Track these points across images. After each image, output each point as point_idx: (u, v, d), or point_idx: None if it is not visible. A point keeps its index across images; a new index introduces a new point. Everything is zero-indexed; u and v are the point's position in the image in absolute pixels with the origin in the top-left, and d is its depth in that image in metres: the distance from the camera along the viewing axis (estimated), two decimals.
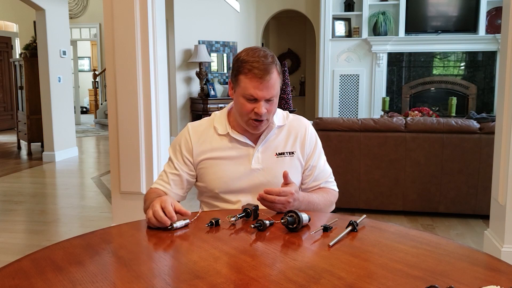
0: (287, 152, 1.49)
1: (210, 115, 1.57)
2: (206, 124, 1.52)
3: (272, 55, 1.38)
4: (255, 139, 1.48)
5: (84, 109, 12.57)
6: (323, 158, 1.57)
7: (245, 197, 1.45)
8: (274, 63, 1.37)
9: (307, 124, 1.55)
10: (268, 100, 1.37)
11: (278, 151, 1.48)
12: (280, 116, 1.52)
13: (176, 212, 1.21)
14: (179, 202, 1.50)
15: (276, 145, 1.48)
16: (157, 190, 1.47)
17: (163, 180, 1.49)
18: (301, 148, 1.50)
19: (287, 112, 1.56)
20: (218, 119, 1.51)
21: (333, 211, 1.52)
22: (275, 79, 1.37)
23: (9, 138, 8.14)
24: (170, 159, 1.51)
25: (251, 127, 1.41)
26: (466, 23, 6.62)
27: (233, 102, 1.48)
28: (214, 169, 1.45)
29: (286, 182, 1.33)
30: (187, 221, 1.22)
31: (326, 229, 1.17)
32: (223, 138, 1.47)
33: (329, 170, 1.57)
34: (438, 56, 6.80)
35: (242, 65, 1.36)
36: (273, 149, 1.48)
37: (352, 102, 7.01)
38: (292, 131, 1.51)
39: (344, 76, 6.96)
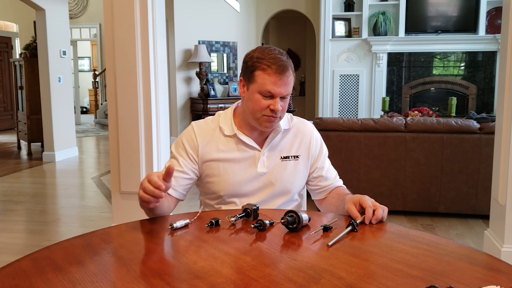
0: (292, 156, 1.48)
1: (210, 115, 1.56)
2: (212, 124, 1.49)
3: (286, 54, 1.41)
4: (261, 142, 1.47)
5: (84, 109, 12.57)
6: (328, 160, 1.57)
7: (250, 201, 1.43)
8: (290, 62, 1.39)
9: (312, 128, 1.55)
10: (282, 98, 1.38)
11: (283, 154, 1.47)
12: (285, 119, 1.50)
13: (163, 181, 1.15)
14: (178, 200, 1.47)
15: (281, 148, 1.48)
16: None
17: None
18: (307, 153, 1.50)
19: (291, 114, 1.56)
20: (223, 119, 1.48)
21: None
22: (291, 77, 1.39)
23: (9, 138, 8.14)
24: (173, 156, 1.47)
25: (264, 123, 1.39)
26: (466, 23, 6.62)
27: (242, 100, 1.46)
28: (220, 171, 1.43)
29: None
30: (187, 221, 1.22)
31: (326, 229, 1.17)
32: (229, 139, 1.45)
33: (334, 170, 1.58)
34: (438, 56, 6.80)
35: (259, 61, 1.35)
36: (278, 153, 1.47)
37: (352, 102, 7.00)
38: (298, 135, 1.51)
39: (344, 76, 6.95)
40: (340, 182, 1.57)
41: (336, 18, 6.92)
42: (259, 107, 1.37)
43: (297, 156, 1.48)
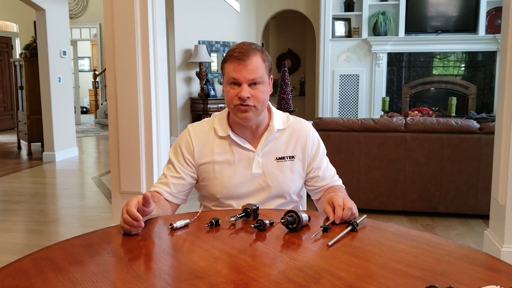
0: (287, 157, 1.46)
1: (210, 115, 1.56)
2: (207, 126, 1.49)
3: (256, 44, 1.40)
4: (256, 142, 1.46)
5: (84, 109, 12.57)
6: (326, 159, 1.55)
7: (246, 202, 1.43)
8: (257, 49, 1.38)
9: (309, 127, 1.52)
10: (252, 85, 1.36)
11: (279, 155, 1.46)
12: (280, 120, 1.49)
13: (142, 207, 1.19)
14: (179, 204, 1.49)
15: (276, 149, 1.46)
16: (154, 193, 1.41)
17: (163, 183, 1.45)
18: (303, 153, 1.48)
19: (288, 114, 1.54)
20: (218, 120, 1.48)
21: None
22: (257, 63, 1.36)
23: (9, 138, 8.14)
24: (170, 162, 1.47)
25: (239, 114, 1.38)
26: (466, 23, 6.62)
27: None
28: (215, 174, 1.43)
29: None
30: (187, 221, 1.22)
31: (325, 229, 1.17)
32: (223, 141, 1.45)
33: (333, 169, 1.55)
34: (438, 56, 6.80)
35: (226, 55, 1.39)
36: (274, 153, 1.46)
37: (352, 102, 7.00)
38: (293, 135, 1.49)
39: (344, 76, 6.95)
40: (338, 182, 1.55)
41: (336, 18, 6.92)
42: (230, 97, 1.38)
43: (292, 157, 1.47)
